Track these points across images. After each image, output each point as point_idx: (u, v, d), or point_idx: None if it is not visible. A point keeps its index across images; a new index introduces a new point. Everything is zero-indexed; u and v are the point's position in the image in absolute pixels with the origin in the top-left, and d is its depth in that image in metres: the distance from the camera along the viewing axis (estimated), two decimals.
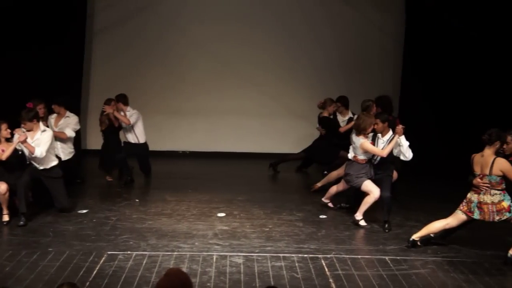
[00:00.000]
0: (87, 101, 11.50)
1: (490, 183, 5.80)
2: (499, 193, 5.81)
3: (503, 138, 5.91)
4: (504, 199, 5.80)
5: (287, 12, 11.44)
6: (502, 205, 5.79)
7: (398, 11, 11.43)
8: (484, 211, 5.85)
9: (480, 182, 5.84)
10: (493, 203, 5.81)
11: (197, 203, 7.95)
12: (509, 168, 5.76)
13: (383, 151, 7.00)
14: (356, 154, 7.17)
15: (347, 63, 11.43)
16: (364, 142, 7.03)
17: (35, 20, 9.98)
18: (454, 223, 6.12)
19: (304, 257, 5.94)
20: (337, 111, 9.53)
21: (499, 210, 5.80)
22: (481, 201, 5.86)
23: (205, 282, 5.27)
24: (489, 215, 5.84)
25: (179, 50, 11.41)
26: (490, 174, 5.79)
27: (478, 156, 5.94)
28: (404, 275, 5.54)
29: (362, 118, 7.14)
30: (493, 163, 5.78)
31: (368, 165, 7.14)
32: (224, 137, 11.59)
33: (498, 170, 5.76)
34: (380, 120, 7.09)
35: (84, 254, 5.84)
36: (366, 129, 7.05)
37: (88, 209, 7.49)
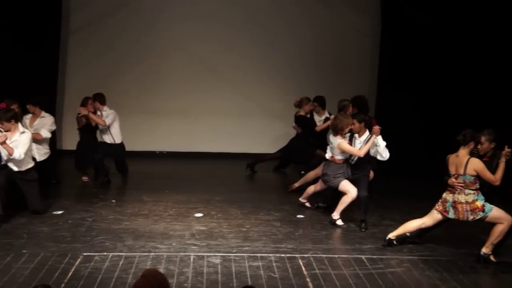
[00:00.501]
0: (63, 101, 11.36)
1: (464, 183, 5.88)
2: (473, 192, 5.89)
3: (477, 139, 6.00)
4: (478, 199, 5.89)
5: (264, 13, 11.45)
6: (476, 204, 5.88)
7: (374, 12, 11.54)
8: (459, 211, 5.93)
9: (454, 182, 5.92)
10: (467, 203, 5.89)
11: (174, 204, 7.91)
12: (483, 168, 5.86)
13: (360, 151, 7.05)
14: (333, 154, 7.21)
15: (323, 63, 11.49)
16: (341, 143, 7.08)
17: (10, 20, 9.84)
18: (430, 223, 6.20)
19: (281, 256, 5.96)
20: (314, 110, 9.59)
21: (473, 210, 5.88)
22: (455, 201, 5.94)
23: (182, 282, 5.25)
24: (463, 214, 5.92)
25: (156, 50, 11.35)
26: (464, 174, 5.88)
27: (453, 157, 6.03)
28: (380, 274, 5.59)
29: (339, 118, 7.18)
30: (467, 163, 5.87)
31: (345, 165, 7.19)
32: (201, 138, 11.55)
33: (472, 170, 5.85)
34: (357, 121, 7.15)
35: (59, 255, 5.77)
36: (343, 129, 7.10)
37: (63, 210, 7.40)
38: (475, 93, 10.25)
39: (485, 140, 6.04)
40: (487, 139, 6.04)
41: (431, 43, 10.48)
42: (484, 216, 5.87)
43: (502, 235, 5.90)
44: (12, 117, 6.92)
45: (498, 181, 5.85)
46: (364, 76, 11.67)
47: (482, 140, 6.03)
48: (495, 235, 5.90)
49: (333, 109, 8.99)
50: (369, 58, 11.67)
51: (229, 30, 11.39)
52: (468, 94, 10.31)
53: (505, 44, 9.80)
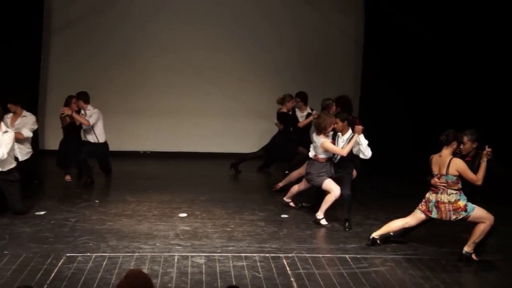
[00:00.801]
0: (45, 101, 11.25)
1: (446, 183, 5.94)
2: (455, 192, 5.95)
3: (460, 139, 6.05)
4: (460, 199, 5.95)
5: (248, 13, 11.45)
6: (458, 204, 5.93)
7: (358, 12, 11.60)
8: (441, 210, 5.98)
9: (437, 182, 5.97)
10: (450, 202, 5.94)
11: (159, 204, 7.88)
12: (465, 168, 5.92)
13: (343, 150, 7.09)
14: (316, 153, 7.24)
15: (308, 63, 11.52)
16: (324, 142, 7.11)
17: None
18: (413, 222, 6.25)
19: (265, 256, 5.96)
20: (296, 106, 9.65)
21: (456, 209, 5.93)
22: (438, 200, 5.99)
23: (167, 282, 5.23)
24: (446, 214, 5.97)
25: (140, 49, 11.29)
26: (447, 174, 5.93)
27: (436, 157, 6.08)
28: (364, 273, 5.63)
29: (323, 117, 7.23)
30: (449, 163, 5.92)
31: (328, 164, 7.22)
32: (186, 138, 11.52)
33: (454, 170, 5.90)
34: (340, 119, 7.21)
35: (42, 256, 5.71)
36: (326, 128, 7.14)
37: (46, 211, 7.33)
38: (459, 92, 10.37)
39: (468, 140, 6.10)
40: (470, 139, 6.10)
41: (414, 42, 10.57)
42: (467, 216, 5.93)
43: (484, 234, 5.97)
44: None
45: (480, 181, 5.92)
46: (349, 75, 11.73)
47: (465, 140, 6.09)
48: (476, 234, 5.96)
49: (317, 108, 9.03)
50: (353, 57, 11.73)
51: (214, 31, 11.36)
52: (452, 93, 10.42)
53: (489, 42, 9.91)
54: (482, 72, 10.09)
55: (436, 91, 10.50)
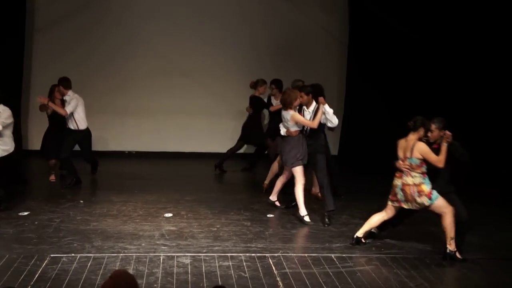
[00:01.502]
0: (28, 101, 11.13)
1: (410, 166, 6.06)
2: (419, 175, 6.07)
3: (427, 126, 6.16)
4: (424, 182, 6.06)
5: (231, 12, 11.45)
6: (422, 187, 6.05)
7: (342, 12, 11.66)
8: (407, 193, 6.08)
9: (401, 164, 6.12)
10: (415, 185, 6.06)
11: (144, 204, 7.85)
12: (427, 150, 6.06)
13: (313, 122, 7.30)
14: (288, 128, 7.37)
15: (292, 64, 11.53)
16: (294, 114, 7.30)
17: None
18: (390, 214, 6.33)
19: (251, 256, 5.97)
20: (271, 93, 9.76)
21: (419, 192, 6.04)
22: (403, 183, 6.11)
23: (152, 283, 5.21)
24: (411, 196, 6.07)
25: (124, 48, 11.22)
26: (411, 156, 6.07)
27: (402, 141, 6.23)
28: (350, 272, 5.65)
29: (288, 93, 7.47)
30: (413, 146, 6.07)
31: (302, 142, 7.33)
32: (170, 137, 11.48)
33: (417, 153, 6.05)
34: (305, 93, 7.42)
35: (25, 257, 5.66)
36: (292, 103, 7.33)
37: (29, 211, 7.26)
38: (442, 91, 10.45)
39: (435, 128, 6.19)
40: (437, 127, 6.18)
41: (398, 42, 10.63)
42: (430, 204, 6.04)
43: (453, 226, 6.05)
44: None
45: (442, 163, 6.03)
46: (333, 75, 11.77)
47: (432, 128, 6.19)
48: (448, 229, 6.06)
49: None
50: (338, 57, 11.79)
51: (196, 30, 11.33)
52: (435, 92, 10.50)
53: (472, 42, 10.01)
54: (465, 72, 10.18)
55: (420, 90, 10.57)
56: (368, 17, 10.82)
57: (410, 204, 6.11)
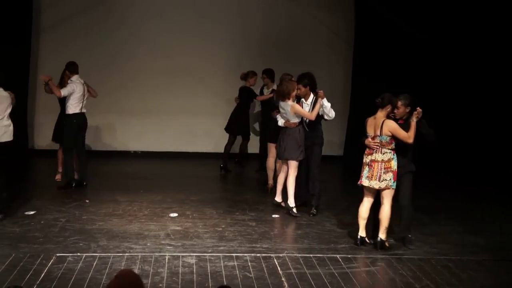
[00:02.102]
0: (34, 100, 11.17)
1: (381, 143, 6.18)
2: (389, 152, 6.20)
3: (394, 103, 6.27)
4: (393, 158, 6.20)
5: (235, 11, 11.47)
6: (390, 164, 6.18)
7: (348, 12, 11.65)
8: (373, 169, 6.22)
9: (371, 142, 6.24)
10: (383, 161, 6.19)
11: (149, 204, 7.86)
12: (396, 127, 6.17)
13: (311, 114, 7.41)
14: (288, 119, 7.43)
15: (298, 64, 11.49)
16: (294, 105, 7.39)
17: None
18: (371, 197, 6.39)
19: (257, 256, 5.97)
20: (263, 83, 9.89)
21: (386, 168, 6.17)
22: (373, 159, 6.23)
23: (157, 283, 5.21)
24: (377, 172, 6.19)
25: (129, 48, 11.25)
26: (381, 134, 6.19)
27: (371, 119, 6.36)
28: (355, 272, 5.65)
29: (285, 84, 7.54)
30: (382, 124, 6.19)
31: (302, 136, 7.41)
32: (176, 137, 11.51)
33: (387, 131, 6.17)
34: (302, 85, 7.51)
35: (32, 256, 5.68)
36: (290, 93, 7.41)
37: (35, 211, 7.29)
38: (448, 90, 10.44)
39: (401, 105, 6.30)
40: (403, 104, 6.30)
41: (405, 42, 10.62)
42: (389, 187, 6.18)
43: (389, 218, 6.22)
44: None
45: (411, 138, 6.15)
46: (339, 76, 11.76)
47: (399, 105, 6.30)
48: (386, 219, 6.22)
49: None
50: (344, 58, 11.78)
51: (202, 32, 11.35)
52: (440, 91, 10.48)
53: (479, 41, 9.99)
54: (472, 72, 10.17)
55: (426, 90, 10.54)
56: (374, 17, 10.81)
57: (370, 182, 6.25)
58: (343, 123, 11.56)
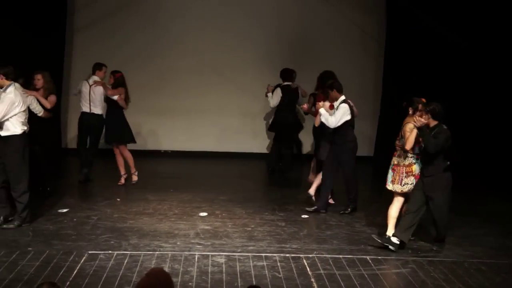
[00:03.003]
0: (67, 99, 11.36)
1: (402, 146, 6.26)
2: (411, 156, 6.25)
3: (415, 105, 6.35)
4: (415, 163, 6.24)
5: (267, 12, 11.47)
6: (411, 168, 6.22)
7: (379, 12, 11.54)
8: (396, 172, 6.30)
9: (397, 144, 6.38)
10: (404, 165, 6.25)
11: (179, 203, 7.92)
12: (406, 129, 6.26)
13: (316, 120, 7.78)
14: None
15: (327, 63, 11.44)
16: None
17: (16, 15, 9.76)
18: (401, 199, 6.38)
19: (286, 256, 5.96)
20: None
21: (408, 173, 6.22)
22: (396, 163, 6.33)
23: (187, 281, 5.25)
24: (399, 176, 6.26)
25: (160, 48, 11.36)
26: (402, 136, 6.30)
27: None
28: (385, 274, 5.59)
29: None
30: (403, 126, 6.30)
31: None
32: (205, 137, 11.56)
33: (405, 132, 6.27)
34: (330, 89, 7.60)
35: (65, 253, 5.78)
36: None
37: (68, 208, 7.41)
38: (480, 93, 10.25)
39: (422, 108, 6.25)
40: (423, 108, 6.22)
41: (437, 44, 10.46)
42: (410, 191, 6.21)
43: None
44: None
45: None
46: (369, 76, 11.66)
47: (420, 108, 6.29)
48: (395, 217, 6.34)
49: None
50: (374, 58, 11.66)
51: (232, 30, 11.38)
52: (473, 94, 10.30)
53: None
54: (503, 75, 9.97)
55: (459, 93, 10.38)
56: (406, 17, 10.66)
57: (393, 186, 6.29)
58: (373, 124, 11.47)
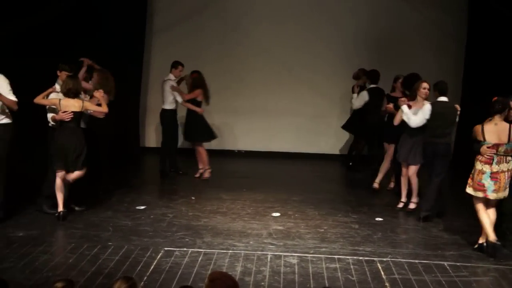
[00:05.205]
0: (146, 100, 11.75)
1: (506, 151, 5.89)
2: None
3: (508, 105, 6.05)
4: None
5: (342, 14, 11.38)
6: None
7: (460, 10, 11.13)
8: (500, 180, 5.91)
9: (487, 151, 5.93)
10: (509, 170, 5.91)
11: (252, 202, 7.99)
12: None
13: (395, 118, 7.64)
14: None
15: (404, 63, 11.16)
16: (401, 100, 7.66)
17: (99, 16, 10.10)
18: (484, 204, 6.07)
19: (359, 259, 5.87)
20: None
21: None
22: (495, 171, 5.90)
23: (260, 281, 5.28)
24: (504, 183, 5.92)
25: (237, 50, 11.50)
26: (509, 141, 5.88)
27: (490, 125, 5.99)
28: (465, 282, 5.37)
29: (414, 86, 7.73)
30: (510, 130, 5.89)
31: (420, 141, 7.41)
32: (278, 137, 11.61)
33: None
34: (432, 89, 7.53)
35: (142, 249, 5.96)
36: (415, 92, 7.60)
37: (146, 205, 7.65)
38: None
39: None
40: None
41: None
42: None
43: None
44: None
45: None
46: (448, 75, 11.19)
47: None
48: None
49: None
50: (453, 57, 11.28)
51: (307, 32, 11.39)
52: None
53: None
54: None
55: None
56: (490, 15, 10.19)
57: (498, 194, 5.93)
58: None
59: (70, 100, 6.81)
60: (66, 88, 6.79)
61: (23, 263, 5.43)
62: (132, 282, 3.55)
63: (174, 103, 9.33)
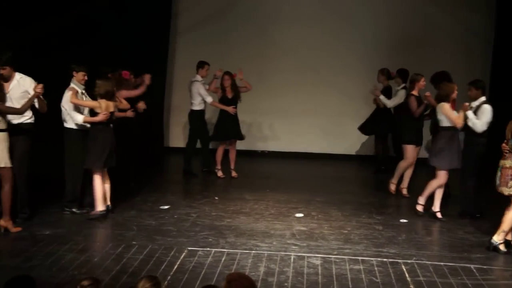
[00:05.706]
0: (170, 100, 11.83)
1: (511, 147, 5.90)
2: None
3: None
4: None
5: (366, 14, 11.31)
6: None
7: (488, 9, 10.96)
8: (502, 175, 5.94)
9: (504, 147, 6.00)
10: (510, 167, 5.91)
11: (275, 203, 7.98)
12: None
13: (458, 118, 7.07)
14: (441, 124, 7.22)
15: (430, 65, 11.00)
16: (443, 105, 7.13)
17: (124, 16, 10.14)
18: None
19: (383, 261, 5.81)
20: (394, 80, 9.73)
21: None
22: (502, 166, 5.99)
23: (283, 281, 5.26)
24: (505, 178, 5.92)
25: (260, 50, 11.51)
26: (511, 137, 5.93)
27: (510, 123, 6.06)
28: (492, 285, 5.28)
29: (442, 87, 7.31)
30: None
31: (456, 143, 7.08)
32: (303, 138, 11.59)
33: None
34: (474, 87, 7.24)
35: (166, 249, 6.00)
36: (449, 95, 7.18)
37: (169, 205, 7.70)
38: None
39: None
40: None
41: None
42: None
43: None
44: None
45: None
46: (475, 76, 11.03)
47: None
48: (506, 222, 5.91)
49: None
50: (481, 58, 11.11)
51: (331, 33, 11.38)
52: None
53: None
54: None
55: None
56: None
57: (500, 188, 5.98)
58: None
59: (109, 102, 6.93)
60: (104, 90, 6.91)
61: (50, 261, 5.51)
62: (156, 281, 3.57)
63: (203, 104, 9.38)
